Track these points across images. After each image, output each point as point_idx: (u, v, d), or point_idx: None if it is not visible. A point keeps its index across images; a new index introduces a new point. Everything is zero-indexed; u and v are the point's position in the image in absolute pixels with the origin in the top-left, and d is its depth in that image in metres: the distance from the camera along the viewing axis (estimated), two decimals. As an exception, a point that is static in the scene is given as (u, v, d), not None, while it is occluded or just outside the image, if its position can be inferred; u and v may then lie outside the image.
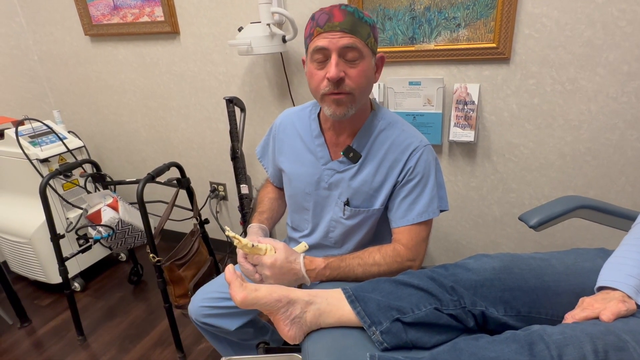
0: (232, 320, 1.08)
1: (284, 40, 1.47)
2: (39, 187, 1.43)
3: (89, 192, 1.74)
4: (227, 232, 0.83)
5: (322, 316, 0.73)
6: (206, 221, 1.61)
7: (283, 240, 1.15)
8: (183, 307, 1.39)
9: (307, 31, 0.87)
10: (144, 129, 2.08)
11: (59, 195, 1.72)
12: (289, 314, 0.72)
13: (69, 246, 1.76)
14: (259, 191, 1.20)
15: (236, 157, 1.64)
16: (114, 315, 1.75)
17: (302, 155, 1.01)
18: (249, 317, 1.11)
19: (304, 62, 0.92)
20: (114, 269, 2.09)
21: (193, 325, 1.14)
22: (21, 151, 1.61)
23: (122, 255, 2.16)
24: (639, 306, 0.63)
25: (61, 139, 1.75)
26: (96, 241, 1.60)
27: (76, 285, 1.90)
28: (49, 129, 1.76)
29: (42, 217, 1.50)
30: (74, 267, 1.85)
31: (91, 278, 2.00)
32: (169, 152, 2.07)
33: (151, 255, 1.32)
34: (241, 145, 1.64)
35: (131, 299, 1.85)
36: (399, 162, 0.92)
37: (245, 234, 1.26)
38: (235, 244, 0.83)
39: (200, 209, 1.85)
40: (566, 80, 1.25)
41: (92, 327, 1.68)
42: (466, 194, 1.53)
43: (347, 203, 0.97)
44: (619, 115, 1.23)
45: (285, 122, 1.05)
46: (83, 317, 1.68)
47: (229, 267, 0.75)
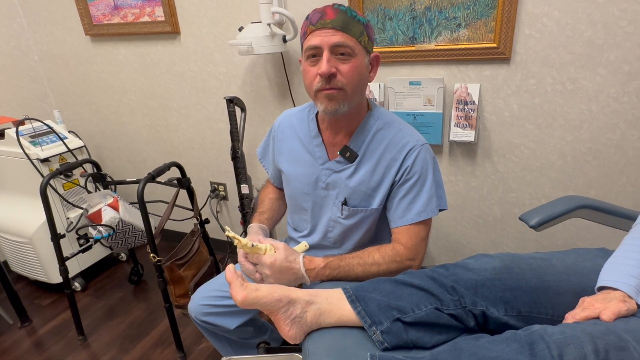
0: (231, 319, 1.09)
1: (284, 40, 1.47)
2: (40, 186, 1.43)
3: (89, 192, 1.74)
4: (227, 232, 0.83)
5: (322, 316, 0.73)
6: (206, 221, 1.61)
7: (283, 240, 1.15)
8: (183, 307, 1.39)
9: (302, 31, 0.89)
10: (145, 128, 2.08)
11: (59, 195, 1.72)
12: (289, 313, 0.72)
13: (69, 246, 1.76)
14: (260, 192, 1.20)
15: (236, 157, 1.64)
16: (114, 315, 1.75)
17: (300, 155, 1.01)
18: (248, 316, 1.11)
19: (300, 62, 0.93)
20: (115, 268, 2.09)
21: (193, 325, 1.14)
22: (22, 151, 1.62)
23: (123, 255, 2.16)
24: (639, 306, 0.63)
25: (62, 139, 1.75)
26: (96, 241, 1.60)
27: (76, 285, 1.90)
28: (50, 129, 1.76)
29: (43, 216, 1.50)
30: (75, 266, 1.85)
31: (91, 278, 2.00)
32: (170, 152, 2.07)
33: (151, 255, 1.32)
34: (241, 145, 1.64)
35: (131, 298, 1.85)
36: (396, 162, 0.92)
37: (245, 234, 1.27)
38: (235, 244, 0.84)
39: (201, 208, 1.85)
40: (567, 80, 1.25)
41: (93, 327, 1.68)
42: (467, 194, 1.53)
43: (344, 203, 0.97)
44: (619, 115, 1.23)
45: (284, 123, 1.06)
46: (83, 317, 1.68)
47: (230, 267, 0.75)
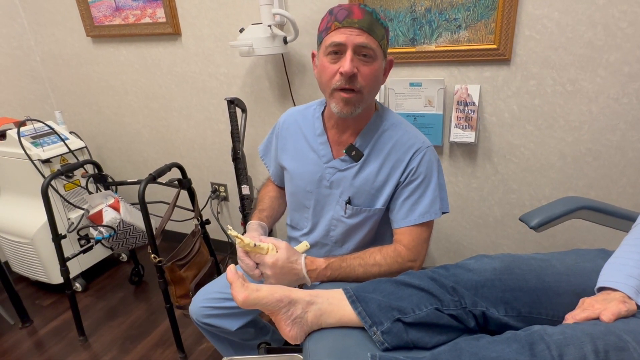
0: (233, 321, 1.09)
1: (285, 42, 1.47)
2: (41, 187, 1.43)
3: (90, 193, 1.74)
4: (229, 232, 0.83)
5: (323, 316, 0.74)
6: (207, 222, 1.61)
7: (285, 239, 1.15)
8: (184, 308, 1.39)
9: (322, 25, 0.87)
10: (146, 129, 2.08)
11: (60, 195, 1.72)
12: (290, 314, 0.72)
13: (70, 246, 1.76)
14: (260, 190, 1.21)
15: (237, 157, 1.64)
16: (115, 315, 1.76)
17: (304, 153, 1.01)
18: (250, 317, 1.11)
19: (313, 55, 0.92)
20: (115, 269, 2.09)
21: (194, 325, 1.14)
22: (23, 152, 1.62)
23: (123, 255, 2.16)
24: (639, 307, 0.63)
25: (63, 140, 1.75)
26: (97, 241, 1.60)
27: (77, 286, 1.90)
28: (51, 130, 1.77)
29: (44, 217, 1.50)
30: (75, 267, 1.85)
31: (92, 278, 2.00)
32: (170, 153, 2.07)
33: (152, 255, 1.33)
34: (242, 146, 1.65)
35: (132, 299, 1.86)
36: (401, 163, 0.93)
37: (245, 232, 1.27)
38: (237, 243, 0.84)
39: (202, 209, 1.86)
40: (567, 81, 1.25)
41: (93, 328, 1.68)
42: (467, 195, 1.53)
43: (348, 202, 0.97)
44: (620, 116, 1.23)
45: (289, 120, 1.06)
46: (84, 318, 1.68)
47: (231, 267, 0.75)
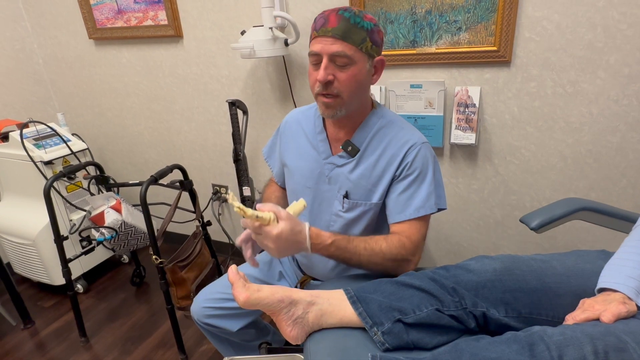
0: (234, 321, 1.09)
1: (286, 44, 1.48)
2: (43, 189, 1.44)
3: (92, 194, 1.75)
4: (230, 200, 0.77)
5: (324, 317, 0.74)
6: (208, 223, 1.62)
7: None
8: (185, 309, 1.39)
9: (310, 32, 0.91)
10: (147, 131, 2.09)
11: (62, 197, 1.73)
12: (291, 314, 0.73)
13: (72, 248, 1.77)
14: (264, 190, 1.22)
15: (238, 159, 1.65)
16: (116, 316, 1.76)
17: (305, 150, 1.03)
18: (251, 318, 1.12)
19: None
20: (117, 270, 2.09)
21: (195, 327, 1.14)
22: (25, 153, 1.63)
23: (125, 257, 2.16)
24: (639, 308, 0.64)
25: (65, 142, 1.76)
26: (99, 243, 1.61)
27: (79, 287, 1.91)
28: (53, 132, 1.78)
29: (46, 218, 1.51)
30: (77, 268, 1.86)
31: (94, 280, 2.01)
32: (172, 155, 2.08)
33: (154, 257, 1.33)
34: (243, 148, 1.65)
35: (134, 300, 1.86)
36: (396, 157, 0.94)
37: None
38: (239, 214, 0.79)
39: (203, 211, 1.86)
40: (567, 82, 1.25)
41: (95, 329, 1.69)
42: (467, 197, 1.53)
43: (346, 196, 0.98)
44: (620, 117, 1.23)
45: (291, 120, 1.09)
46: (86, 319, 1.68)
47: (232, 268, 0.75)
